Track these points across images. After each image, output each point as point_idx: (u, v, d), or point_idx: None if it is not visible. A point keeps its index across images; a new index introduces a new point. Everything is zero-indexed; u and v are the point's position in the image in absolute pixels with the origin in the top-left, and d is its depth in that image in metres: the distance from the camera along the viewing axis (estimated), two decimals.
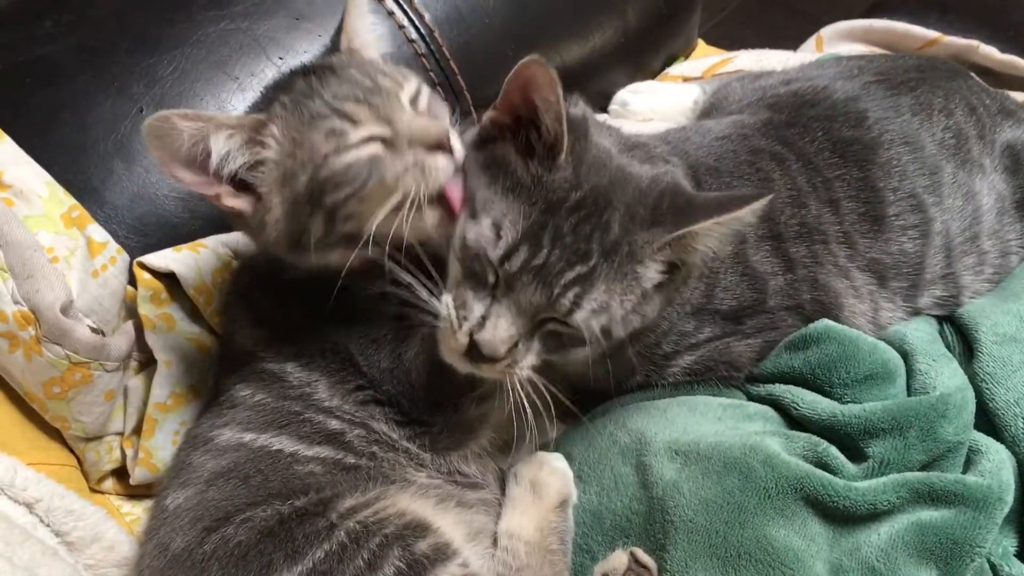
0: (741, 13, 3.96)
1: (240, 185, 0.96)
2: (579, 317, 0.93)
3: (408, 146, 0.94)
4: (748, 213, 0.93)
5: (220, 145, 0.92)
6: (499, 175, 0.96)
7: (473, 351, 0.94)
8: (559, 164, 0.94)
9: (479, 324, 0.94)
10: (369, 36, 1.09)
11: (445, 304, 0.97)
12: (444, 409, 1.05)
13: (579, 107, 1.03)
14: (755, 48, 2.09)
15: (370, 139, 0.94)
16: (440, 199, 0.97)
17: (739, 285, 1.14)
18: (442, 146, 0.95)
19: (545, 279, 0.92)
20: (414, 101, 1.00)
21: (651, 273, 0.96)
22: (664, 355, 1.14)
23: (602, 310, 0.94)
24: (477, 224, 0.94)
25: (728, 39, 3.39)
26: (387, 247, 0.94)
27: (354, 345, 1.04)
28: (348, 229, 0.96)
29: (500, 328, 0.93)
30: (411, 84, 1.01)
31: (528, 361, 0.97)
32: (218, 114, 0.95)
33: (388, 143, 0.95)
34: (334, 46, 1.08)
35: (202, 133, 0.91)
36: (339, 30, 1.07)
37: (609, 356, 1.04)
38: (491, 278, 0.94)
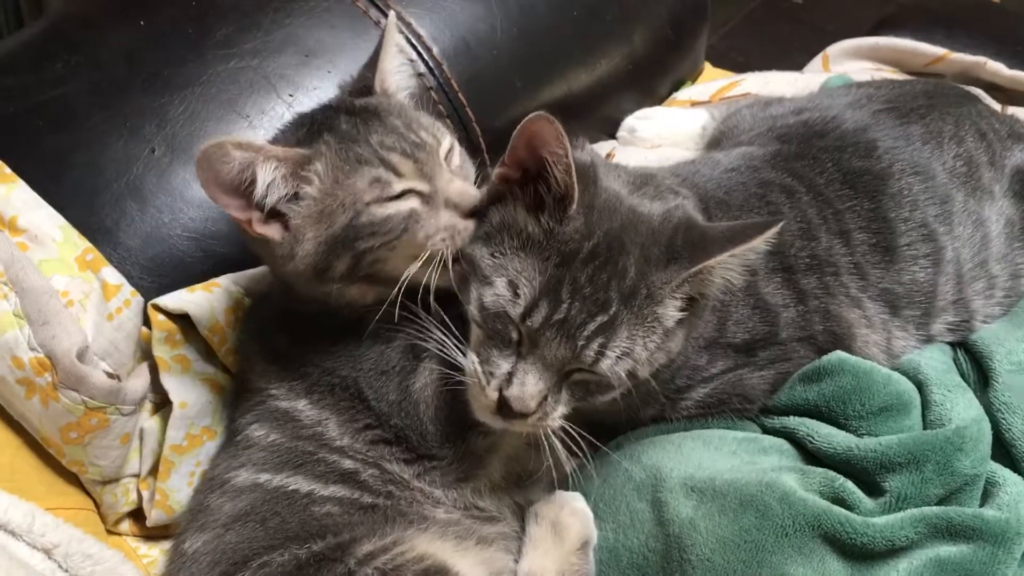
0: (746, 25, 3.97)
1: (271, 213, 0.99)
2: (605, 365, 0.94)
3: (444, 207, 0.99)
4: (761, 242, 0.94)
5: (266, 175, 0.96)
6: (508, 235, 0.97)
7: (504, 408, 0.95)
8: (570, 215, 0.95)
9: (506, 380, 0.95)
10: (398, 77, 1.13)
11: (471, 361, 0.98)
12: (452, 441, 1.05)
13: (586, 151, 1.04)
14: (761, 64, 2.10)
15: (411, 192, 0.99)
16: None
17: (751, 318, 1.14)
18: (475, 213, 1.00)
19: (568, 332, 0.92)
20: (448, 157, 1.04)
21: (670, 311, 0.97)
22: (677, 389, 1.14)
23: (626, 355, 0.94)
24: (491, 287, 0.95)
25: (734, 51, 3.41)
26: (401, 289, 0.98)
27: (363, 378, 1.05)
28: (372, 271, 1.00)
29: (528, 384, 0.94)
30: (446, 141, 1.05)
31: (559, 412, 0.98)
32: (267, 145, 0.97)
33: (425, 199, 0.99)
34: (361, 83, 1.11)
35: (250, 162, 0.95)
36: (369, 65, 1.11)
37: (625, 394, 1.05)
38: (514, 335, 0.95)
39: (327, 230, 0.98)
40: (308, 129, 1.03)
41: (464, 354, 0.99)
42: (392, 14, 1.15)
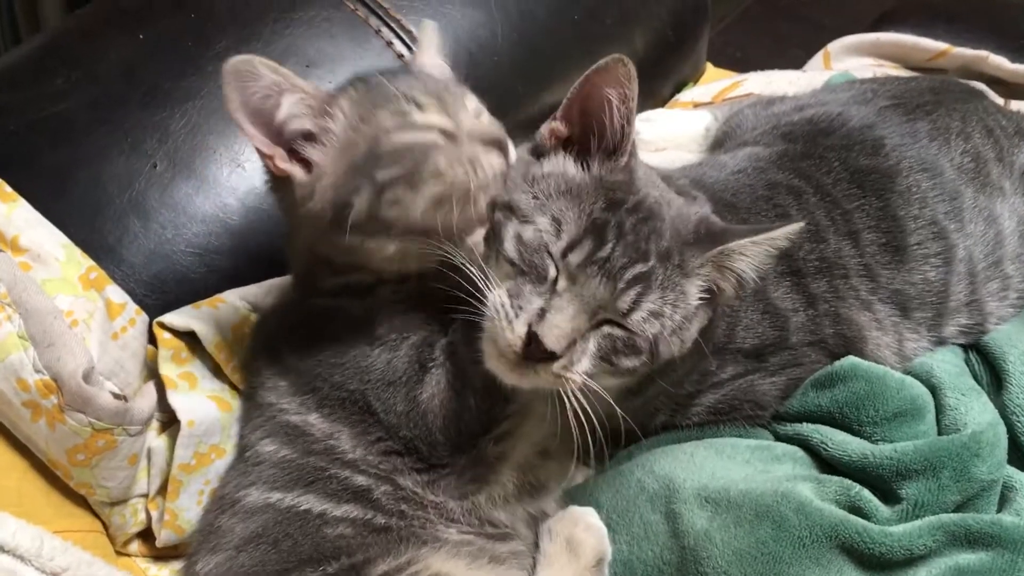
0: (744, 20, 3.96)
1: (294, 156, 1.00)
2: (637, 318, 0.92)
3: (467, 141, 0.98)
4: (783, 235, 0.94)
5: (291, 102, 0.97)
6: (552, 182, 0.97)
7: (531, 346, 0.90)
8: (619, 166, 0.96)
9: (538, 316, 0.90)
10: (438, 71, 1.13)
11: (497, 297, 0.93)
12: (463, 449, 1.04)
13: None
14: (759, 60, 2.09)
15: (432, 127, 0.98)
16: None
17: (760, 323, 1.13)
18: (500, 145, 0.99)
19: (610, 273, 0.91)
20: (478, 114, 1.05)
21: (694, 290, 0.96)
22: (687, 394, 1.13)
23: (656, 317, 0.93)
24: (533, 224, 0.94)
25: (731, 47, 3.40)
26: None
27: (370, 391, 1.03)
28: (391, 215, 0.97)
29: (562, 319, 0.90)
30: (473, 100, 1.06)
31: (583, 366, 0.93)
32: (297, 78, 0.98)
33: (449, 136, 0.99)
34: None
35: (279, 87, 0.96)
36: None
37: (636, 391, 1.06)
38: (552, 272, 0.92)
39: (348, 161, 0.98)
40: (344, 83, 1.07)
41: (490, 289, 0.94)
42: (429, 23, 1.17)
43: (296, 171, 0.99)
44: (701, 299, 0.97)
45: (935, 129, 1.27)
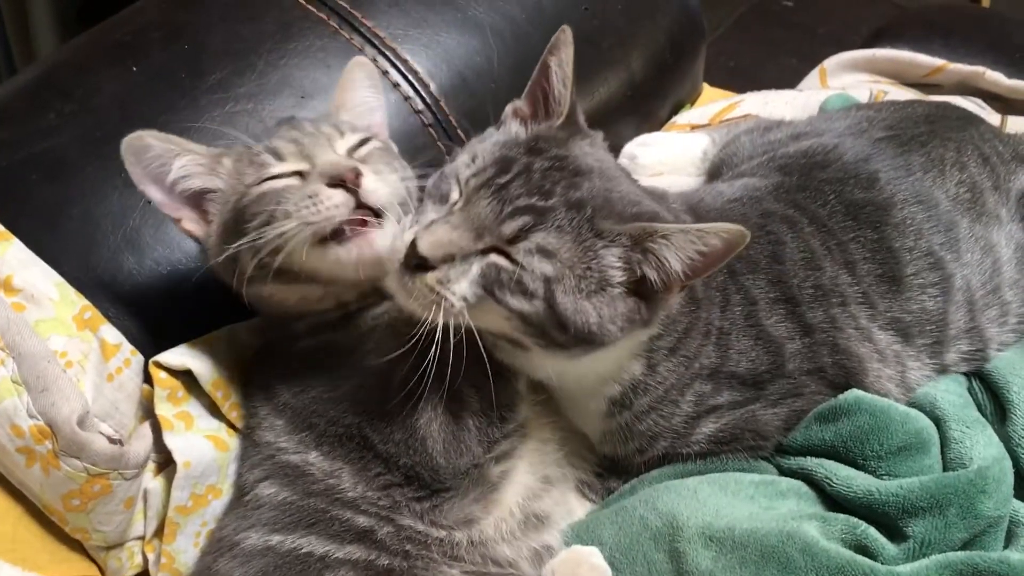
0: (737, 29, 3.95)
1: (203, 216, 1.09)
2: (522, 248, 0.92)
3: (314, 180, 1.01)
4: (715, 236, 0.92)
5: (180, 165, 1.05)
6: (496, 139, 1.04)
7: (410, 253, 0.93)
8: (556, 124, 1.02)
9: (425, 228, 0.95)
10: (359, 109, 1.20)
11: (404, 222, 1.00)
12: (465, 472, 1.04)
13: (596, 133, 1.09)
14: (752, 68, 2.09)
15: (287, 174, 1.04)
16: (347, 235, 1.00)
17: (753, 348, 1.12)
18: (343, 182, 0.99)
19: (501, 197, 0.94)
20: (356, 148, 1.09)
21: (611, 259, 0.95)
22: (685, 418, 1.12)
23: (548, 256, 0.93)
24: (459, 158, 1.01)
25: (724, 55, 3.39)
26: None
27: (366, 423, 1.03)
28: (277, 263, 1.00)
29: (442, 231, 0.94)
30: (355, 137, 1.11)
31: (460, 287, 0.93)
32: (189, 142, 1.07)
33: (303, 176, 1.03)
34: None
35: (171, 154, 1.05)
36: None
37: (622, 403, 1.08)
38: (455, 195, 0.98)
39: (222, 218, 1.05)
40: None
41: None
42: (360, 57, 1.23)
43: (197, 229, 1.09)
44: (623, 276, 0.96)
45: (929, 161, 1.27)
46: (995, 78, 1.91)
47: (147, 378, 1.11)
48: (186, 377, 1.11)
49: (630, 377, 1.09)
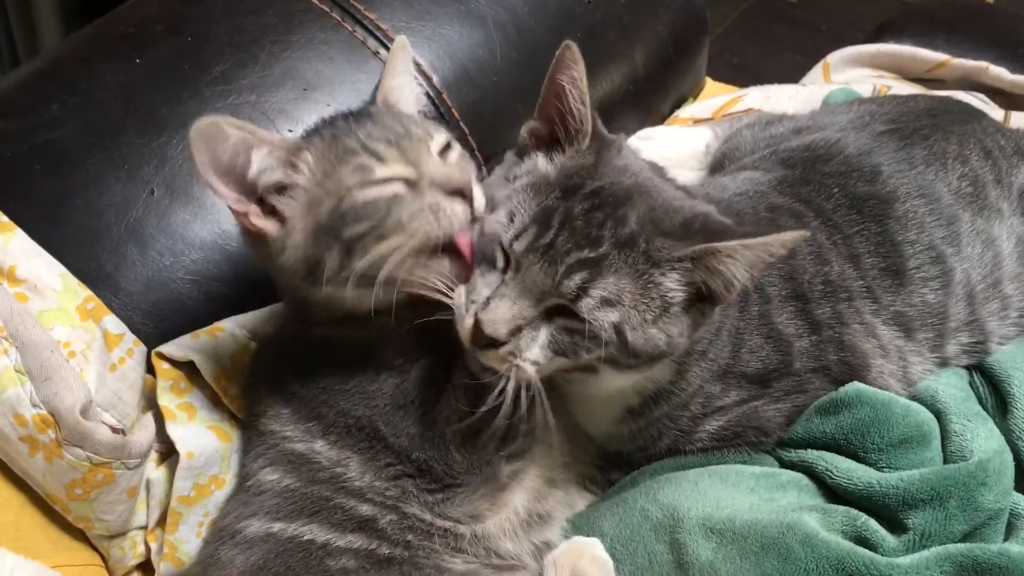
0: (740, 25, 3.96)
1: (267, 210, 1.00)
2: (585, 305, 0.90)
3: (429, 190, 0.97)
4: (777, 242, 0.90)
5: (260, 158, 0.97)
6: (524, 177, 0.99)
7: (476, 333, 0.92)
8: (580, 150, 0.98)
9: (484, 305, 0.93)
10: (405, 94, 1.14)
11: (459, 293, 0.96)
12: (479, 468, 1.04)
13: (619, 136, 1.05)
14: (755, 64, 2.09)
15: (394, 179, 0.98)
16: (452, 249, 0.98)
17: (764, 347, 1.12)
18: (462, 193, 0.97)
19: (551, 258, 0.91)
20: (443, 152, 1.04)
21: (671, 284, 0.94)
22: (691, 418, 1.12)
23: (612, 304, 0.91)
24: (495, 215, 0.96)
25: (728, 51, 3.40)
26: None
27: (379, 416, 1.03)
28: (363, 267, 0.96)
29: (502, 307, 0.92)
30: (441, 136, 1.05)
31: (532, 354, 0.93)
32: (261, 130, 0.98)
33: (411, 185, 0.98)
34: (372, 100, 1.13)
35: (247, 144, 0.96)
36: (378, 87, 1.13)
37: (638, 412, 1.06)
38: (500, 262, 0.95)
39: (315, 219, 0.98)
40: (311, 129, 1.07)
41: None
42: (402, 37, 1.15)
43: (269, 227, 1.00)
44: (685, 295, 0.95)
45: (931, 155, 1.27)
46: (998, 73, 1.91)
47: (150, 368, 1.12)
48: (188, 368, 1.12)
49: (655, 386, 1.08)
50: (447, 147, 1.05)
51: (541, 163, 1.00)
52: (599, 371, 0.97)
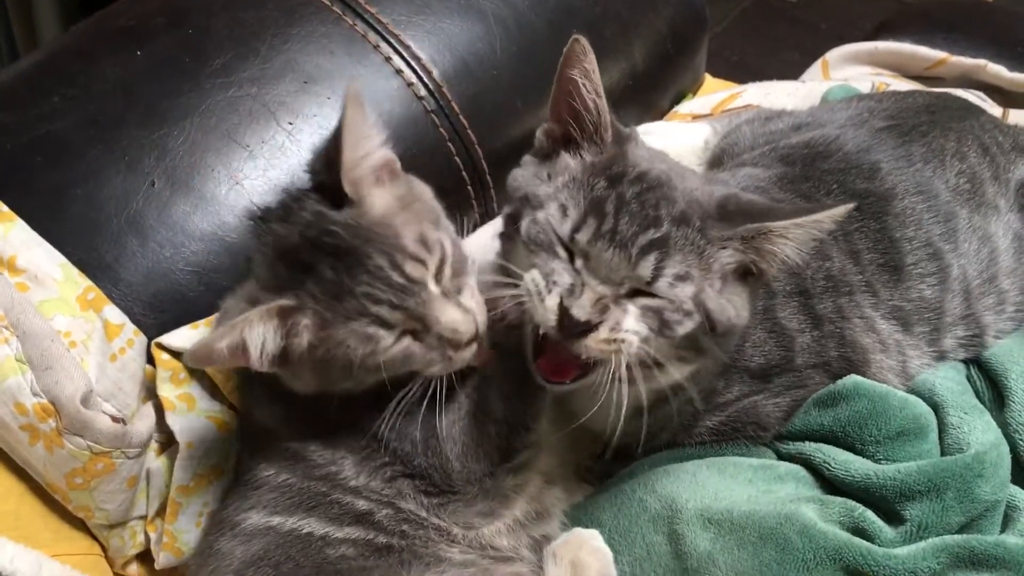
0: (740, 24, 3.96)
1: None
2: (663, 284, 0.91)
3: (438, 342, 0.96)
4: (827, 218, 0.92)
5: (255, 339, 0.92)
6: (558, 176, 0.99)
7: (565, 319, 0.90)
8: (606, 141, 0.98)
9: (568, 291, 0.92)
10: (372, 157, 0.99)
11: (531, 278, 0.94)
12: (479, 480, 1.04)
13: (633, 128, 1.06)
14: (755, 63, 2.09)
15: (404, 338, 0.95)
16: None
17: (767, 342, 1.12)
18: (473, 339, 0.98)
19: (620, 243, 0.91)
20: (439, 273, 0.97)
21: (726, 259, 0.95)
22: (693, 413, 1.13)
23: (686, 280, 0.92)
24: (543, 209, 0.96)
25: (727, 50, 3.40)
26: None
27: (378, 420, 1.01)
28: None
29: (587, 292, 0.91)
30: (435, 256, 0.96)
31: (632, 329, 0.91)
32: (248, 314, 0.91)
33: (418, 335, 0.96)
34: (324, 168, 0.98)
35: (238, 341, 0.91)
36: (333, 143, 0.96)
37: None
38: (563, 253, 0.94)
39: (325, 372, 0.96)
40: (287, 265, 0.96)
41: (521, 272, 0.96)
42: (354, 87, 0.96)
43: (279, 371, 0.98)
44: (735, 268, 0.96)
45: (930, 151, 1.28)
46: (997, 71, 1.91)
47: (150, 359, 1.12)
48: None
49: (668, 382, 1.05)
50: (442, 262, 0.97)
51: (570, 163, 1.00)
52: (663, 365, 0.95)
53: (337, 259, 0.93)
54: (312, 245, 0.95)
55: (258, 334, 0.92)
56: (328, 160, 0.97)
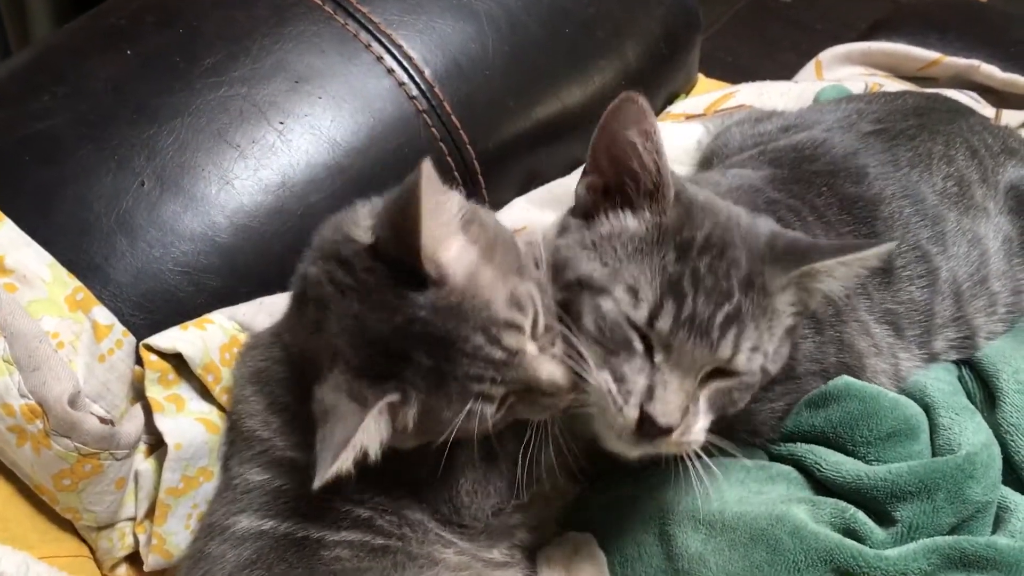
0: (735, 24, 3.97)
1: None
2: (741, 360, 0.90)
3: (541, 395, 0.92)
4: (873, 256, 0.93)
5: (371, 439, 0.87)
6: (615, 242, 0.93)
7: (645, 426, 0.87)
8: (670, 203, 0.92)
9: (647, 395, 0.88)
10: (449, 225, 0.89)
11: (603, 382, 0.89)
12: (485, 516, 1.03)
13: (680, 179, 1.02)
14: (749, 64, 2.08)
15: (505, 399, 0.92)
16: None
17: None
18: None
19: (700, 329, 0.87)
20: (534, 330, 0.91)
21: (782, 306, 0.95)
22: None
23: (756, 350, 0.91)
24: (608, 295, 0.90)
25: (722, 51, 3.41)
26: None
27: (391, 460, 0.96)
28: None
29: (671, 395, 0.87)
30: (529, 315, 0.90)
31: (700, 425, 0.91)
32: (363, 423, 0.85)
33: (520, 394, 0.92)
34: (394, 229, 0.87)
35: (359, 453, 0.86)
36: (399, 213, 0.85)
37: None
38: (638, 345, 0.89)
39: (427, 437, 0.92)
40: (381, 353, 0.88)
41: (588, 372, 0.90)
42: (427, 161, 0.82)
43: None
44: (791, 311, 0.97)
45: (916, 156, 1.28)
46: (990, 72, 1.91)
47: (139, 360, 1.11)
48: (177, 360, 1.11)
49: None
50: (536, 317, 0.91)
51: (631, 224, 0.94)
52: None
53: (431, 345, 0.87)
54: (403, 334, 0.87)
55: (372, 434, 0.87)
56: (397, 235, 0.86)
